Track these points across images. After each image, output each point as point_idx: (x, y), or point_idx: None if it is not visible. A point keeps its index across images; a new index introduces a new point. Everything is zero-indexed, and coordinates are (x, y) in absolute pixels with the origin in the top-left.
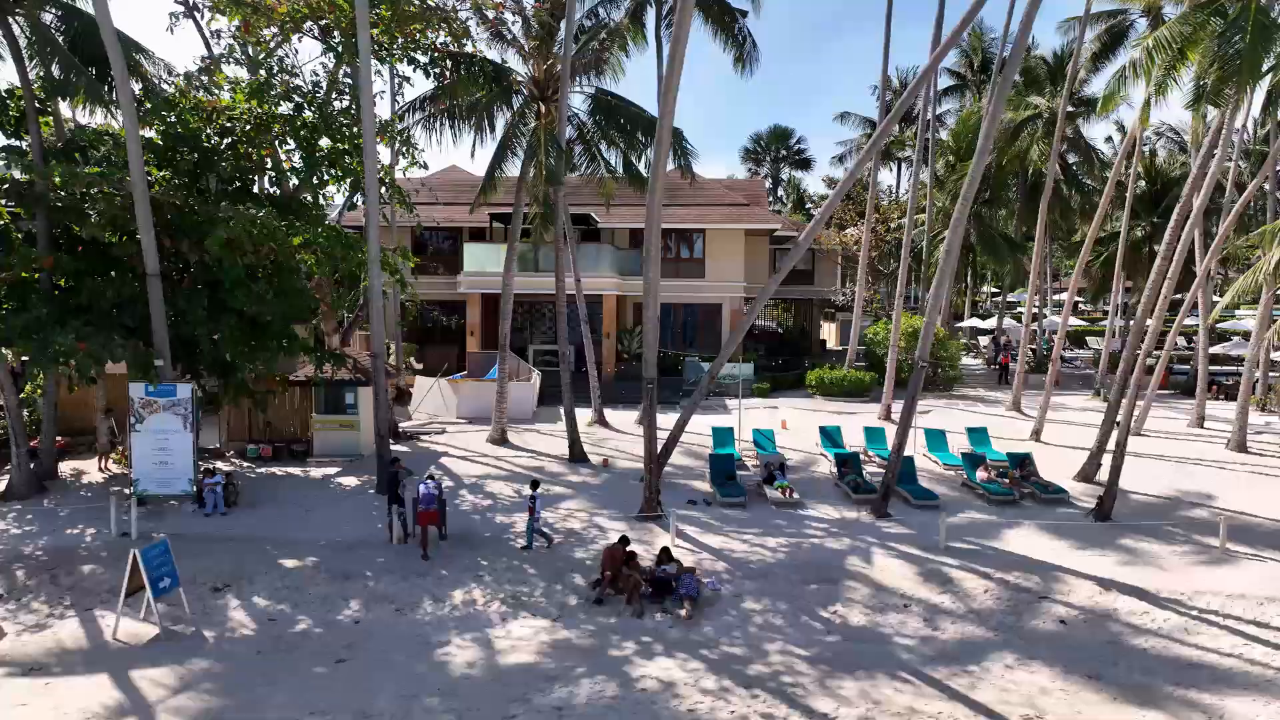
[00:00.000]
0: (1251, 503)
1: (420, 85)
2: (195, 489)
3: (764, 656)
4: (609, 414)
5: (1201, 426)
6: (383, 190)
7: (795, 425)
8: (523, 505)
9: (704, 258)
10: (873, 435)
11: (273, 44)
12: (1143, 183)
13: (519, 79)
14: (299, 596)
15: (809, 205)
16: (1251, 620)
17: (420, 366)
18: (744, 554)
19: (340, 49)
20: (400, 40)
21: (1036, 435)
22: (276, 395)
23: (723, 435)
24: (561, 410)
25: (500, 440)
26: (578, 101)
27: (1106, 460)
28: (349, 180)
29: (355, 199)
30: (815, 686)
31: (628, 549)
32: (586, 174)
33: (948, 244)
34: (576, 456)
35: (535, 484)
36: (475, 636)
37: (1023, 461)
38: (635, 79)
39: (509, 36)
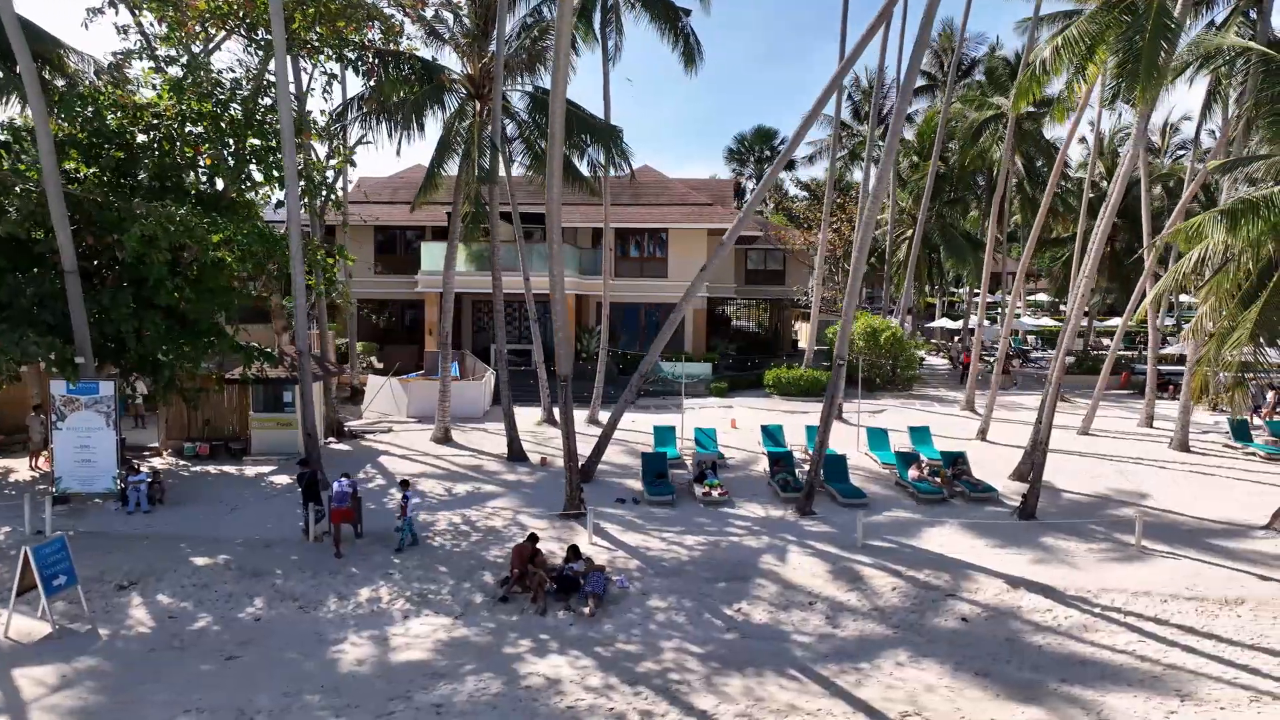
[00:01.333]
0: (1181, 501)
1: (357, 83)
2: (119, 487)
3: (657, 654)
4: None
5: (1151, 426)
6: (329, 192)
7: (746, 424)
8: (449, 504)
9: (667, 257)
10: (813, 434)
11: (197, 40)
12: (1105, 183)
13: (454, 77)
14: (204, 594)
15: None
16: (1152, 617)
17: (381, 365)
18: (660, 552)
19: (265, 46)
20: (327, 37)
21: (982, 434)
22: (210, 393)
23: (664, 434)
24: (517, 408)
25: (444, 439)
26: (518, 99)
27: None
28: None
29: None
30: (701, 684)
31: (535, 546)
32: (529, 173)
33: (858, 243)
34: (515, 455)
35: (406, 484)
36: (373, 634)
37: (955, 460)
38: (590, 80)
39: (446, 35)
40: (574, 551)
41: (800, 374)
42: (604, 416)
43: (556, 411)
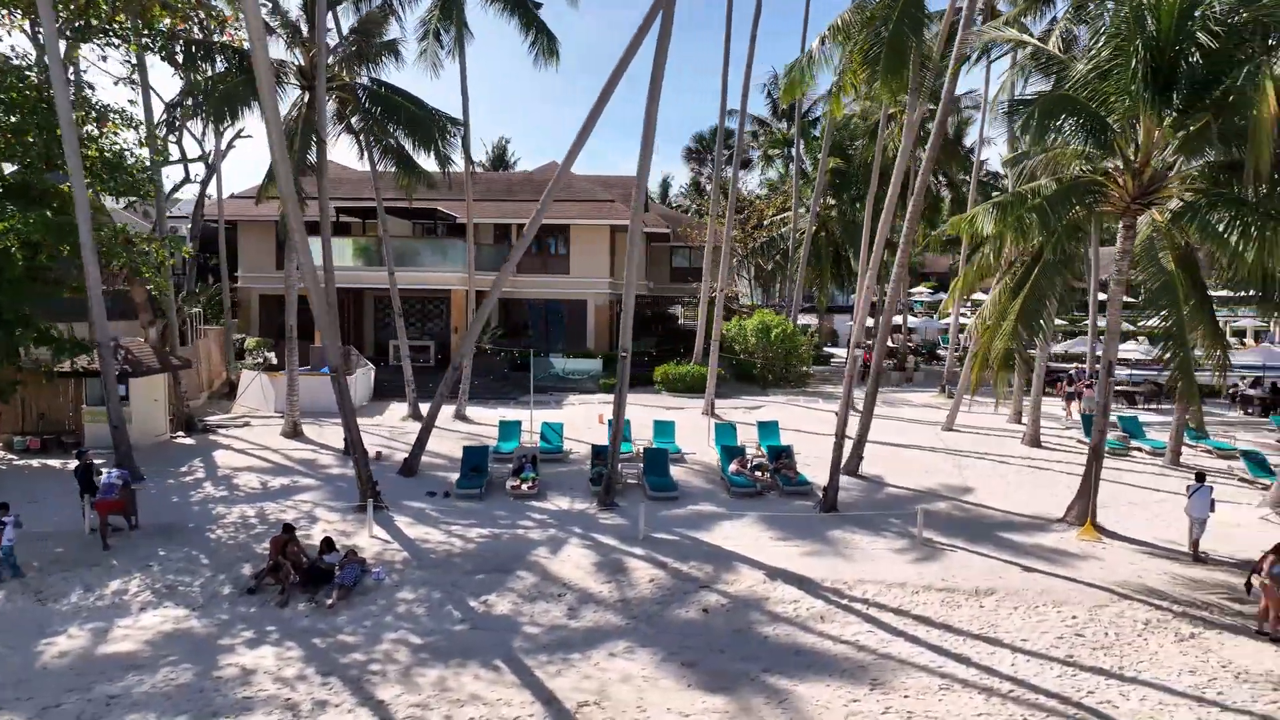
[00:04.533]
0: (1000, 495)
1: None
2: None
3: (373, 645)
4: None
5: (1020, 422)
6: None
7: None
8: (255, 497)
9: (569, 254)
10: (661, 429)
11: None
12: (1006, 181)
13: (288, 69)
14: None
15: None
16: (895, 608)
17: (276, 361)
18: (436, 544)
19: (68, 34)
20: (135, 27)
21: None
22: (40, 386)
23: (509, 428)
24: (392, 404)
25: (292, 434)
26: (363, 95)
27: (873, 451)
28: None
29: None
30: (397, 675)
31: (289, 537)
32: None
33: (630, 237)
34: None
35: (5, 506)
36: (97, 627)
37: (780, 454)
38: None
39: (276, 25)
40: (328, 543)
41: (687, 370)
42: (472, 411)
43: (423, 407)
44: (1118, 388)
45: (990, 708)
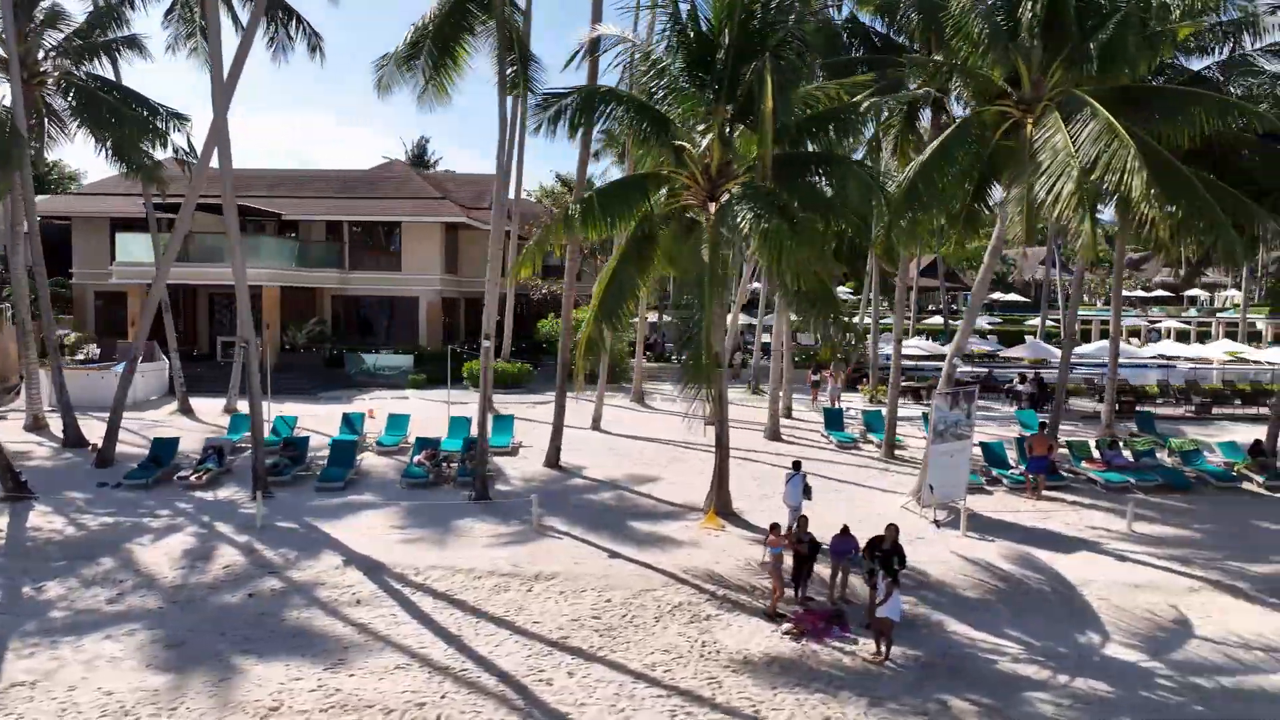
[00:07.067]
0: (677, 487)
1: None
2: None
3: None
4: (210, 402)
5: (789, 417)
6: None
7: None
8: None
9: (400, 251)
10: (394, 422)
11: None
12: None
13: None
14: None
15: None
16: (441, 593)
17: (98, 355)
18: (46, 532)
19: None
20: None
21: (596, 423)
22: None
23: (239, 421)
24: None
25: (34, 427)
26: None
27: (608, 444)
28: None
29: None
30: None
31: None
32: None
33: (228, 226)
34: (71, 441)
35: None
36: None
37: (471, 446)
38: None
39: None
40: None
41: (497, 366)
42: (243, 406)
43: (196, 402)
44: (904, 383)
45: (426, 685)
